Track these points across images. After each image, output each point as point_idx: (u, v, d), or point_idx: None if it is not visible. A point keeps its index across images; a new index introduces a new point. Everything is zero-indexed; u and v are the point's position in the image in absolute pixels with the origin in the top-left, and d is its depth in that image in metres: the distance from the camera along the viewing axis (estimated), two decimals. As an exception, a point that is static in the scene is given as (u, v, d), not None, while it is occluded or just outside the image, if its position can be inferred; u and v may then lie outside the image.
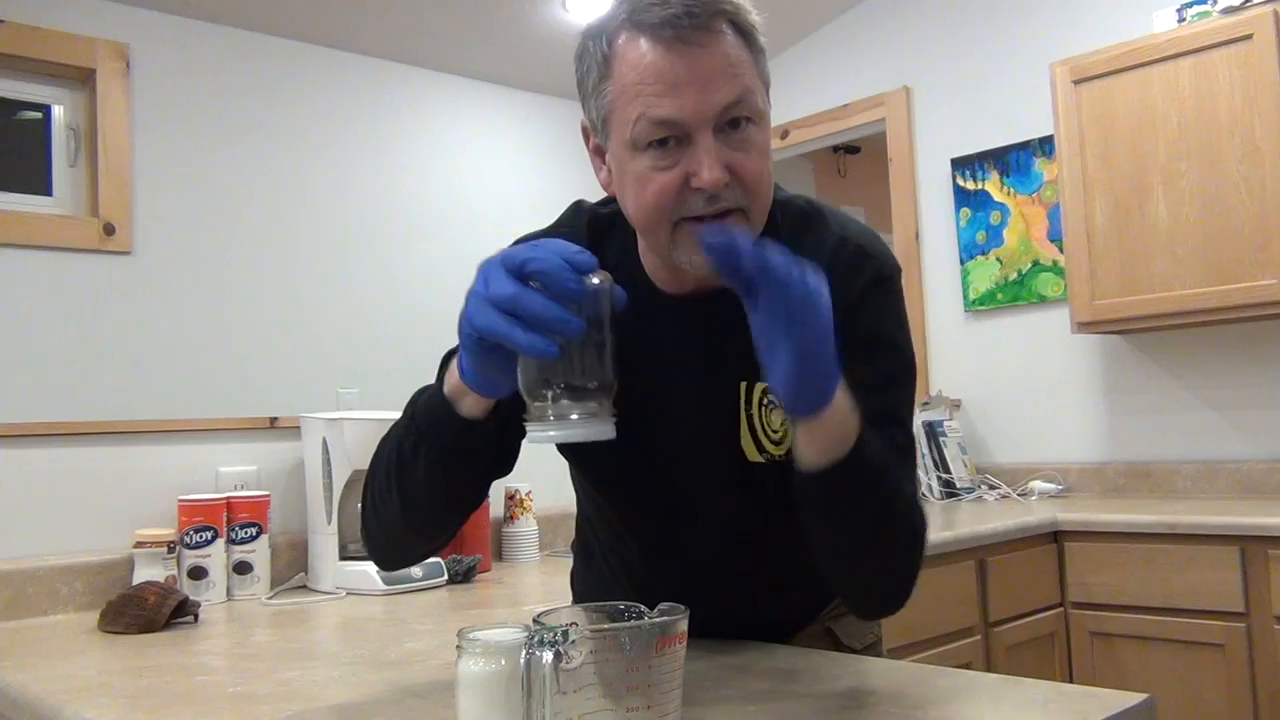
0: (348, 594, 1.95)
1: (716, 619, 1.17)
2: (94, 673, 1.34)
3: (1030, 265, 3.33)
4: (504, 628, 0.83)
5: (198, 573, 1.87)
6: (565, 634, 0.73)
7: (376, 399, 2.56)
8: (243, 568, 1.93)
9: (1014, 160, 3.37)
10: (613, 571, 1.26)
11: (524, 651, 0.73)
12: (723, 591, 1.17)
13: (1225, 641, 2.35)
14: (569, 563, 1.40)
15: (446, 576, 2.04)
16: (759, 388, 1.07)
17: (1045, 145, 3.26)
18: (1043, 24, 3.31)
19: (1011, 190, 3.38)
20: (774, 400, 1.07)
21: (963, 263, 3.50)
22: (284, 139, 3.25)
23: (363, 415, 2.06)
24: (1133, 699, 0.89)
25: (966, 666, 2.25)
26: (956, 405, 3.43)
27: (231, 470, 2.04)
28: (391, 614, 1.73)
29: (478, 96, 3.74)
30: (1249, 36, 2.61)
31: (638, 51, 0.94)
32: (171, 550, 1.84)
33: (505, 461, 1.10)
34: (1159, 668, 2.44)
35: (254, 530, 1.95)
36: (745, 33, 0.97)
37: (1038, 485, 3.16)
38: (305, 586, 2.04)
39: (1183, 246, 2.71)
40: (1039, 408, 3.29)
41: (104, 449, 1.93)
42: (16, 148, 2.90)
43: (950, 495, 3.14)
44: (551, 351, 0.82)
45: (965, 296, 3.48)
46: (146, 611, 1.60)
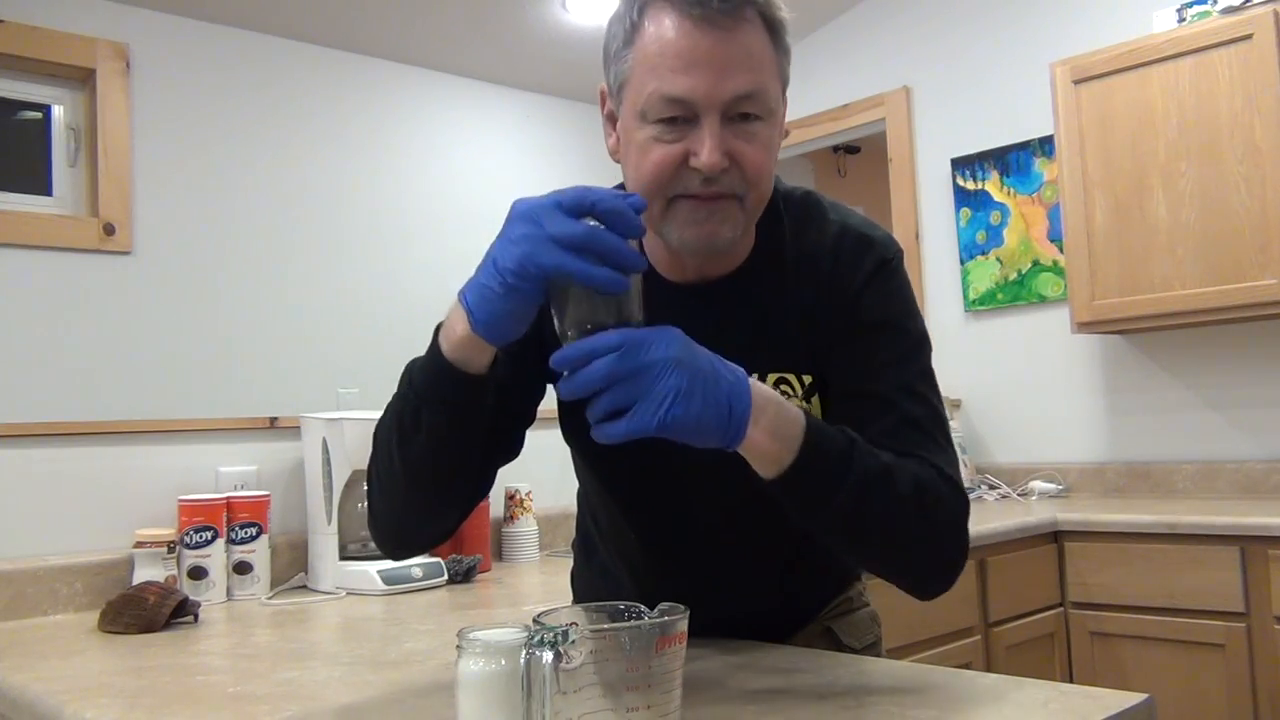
0: (348, 594, 1.95)
1: (717, 616, 1.17)
2: (94, 673, 1.34)
3: (1030, 265, 3.33)
4: (504, 628, 0.83)
5: (198, 573, 1.87)
6: (565, 634, 0.73)
7: (376, 399, 2.55)
8: (243, 568, 1.93)
9: (1014, 160, 3.37)
10: (613, 566, 1.26)
11: (524, 651, 0.73)
12: (724, 586, 1.17)
13: (1225, 641, 2.35)
14: (569, 563, 1.40)
15: (446, 576, 2.03)
16: (770, 378, 1.08)
17: (1045, 145, 3.26)
18: (1043, 24, 3.31)
19: (1011, 190, 3.38)
20: (788, 390, 1.07)
21: (963, 263, 3.50)
22: (284, 139, 3.25)
23: (363, 415, 2.06)
24: (1133, 699, 0.89)
25: (966, 666, 2.25)
26: (956, 405, 3.43)
27: (231, 470, 2.04)
28: (391, 614, 1.73)
29: (478, 96, 3.74)
30: (1249, 36, 2.61)
31: (663, 25, 0.96)
32: (171, 550, 1.84)
33: (510, 443, 1.09)
34: (1159, 668, 2.44)
35: (254, 530, 1.95)
36: (773, 29, 0.98)
37: (1038, 485, 3.16)
38: (305, 586, 2.04)
39: (1183, 246, 2.71)
40: (1039, 408, 3.29)
41: (104, 449, 1.93)
42: (16, 148, 2.90)
43: (950, 495, 3.14)
44: (625, 285, 0.83)
45: (965, 296, 3.48)
46: (146, 611, 1.60)
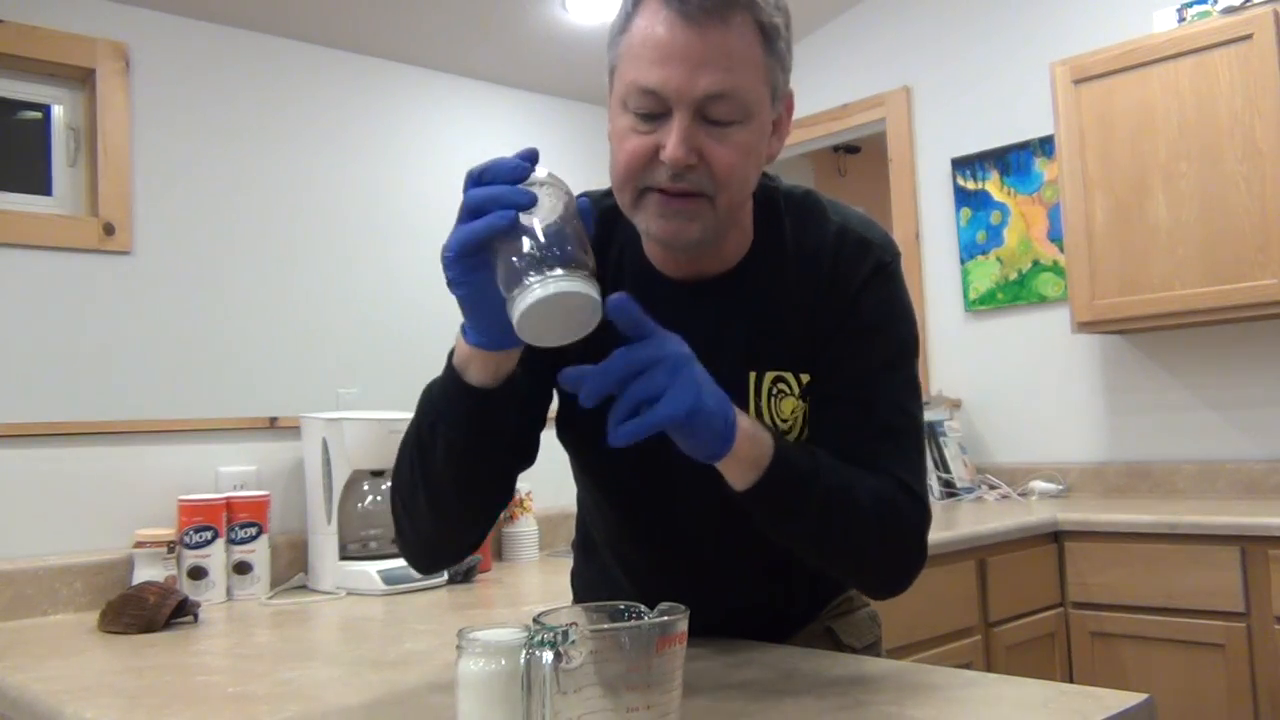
0: (348, 594, 1.95)
1: (717, 616, 1.17)
2: (94, 673, 1.34)
3: (1030, 265, 3.33)
4: (504, 628, 0.83)
5: (197, 573, 1.87)
6: (565, 634, 0.73)
7: (376, 399, 2.56)
8: (243, 568, 1.93)
9: (1014, 160, 3.37)
10: (613, 566, 1.26)
11: (524, 651, 0.73)
12: (723, 585, 1.17)
13: (1225, 641, 2.35)
14: (569, 563, 1.40)
15: (446, 576, 2.03)
16: (768, 376, 1.08)
17: (1045, 145, 3.26)
18: (1043, 24, 3.31)
19: (1011, 190, 3.38)
20: (785, 389, 1.07)
21: (963, 263, 3.50)
22: (284, 139, 3.25)
23: (363, 415, 2.06)
24: (1133, 699, 0.89)
25: (966, 666, 2.25)
26: (956, 405, 3.43)
27: (231, 470, 2.04)
28: (391, 614, 1.73)
29: (478, 96, 3.74)
30: (1249, 36, 2.61)
31: (651, 17, 0.97)
32: (171, 550, 1.84)
33: (528, 448, 1.10)
34: (1159, 668, 2.43)
35: (254, 530, 1.95)
36: (765, 33, 0.97)
37: (1038, 485, 3.16)
38: (305, 586, 2.04)
39: (1183, 246, 2.71)
40: (1039, 408, 3.29)
41: (104, 449, 1.93)
42: (16, 148, 2.90)
43: (950, 495, 3.14)
44: (505, 220, 0.84)
45: (965, 296, 3.48)
46: (146, 611, 1.60)
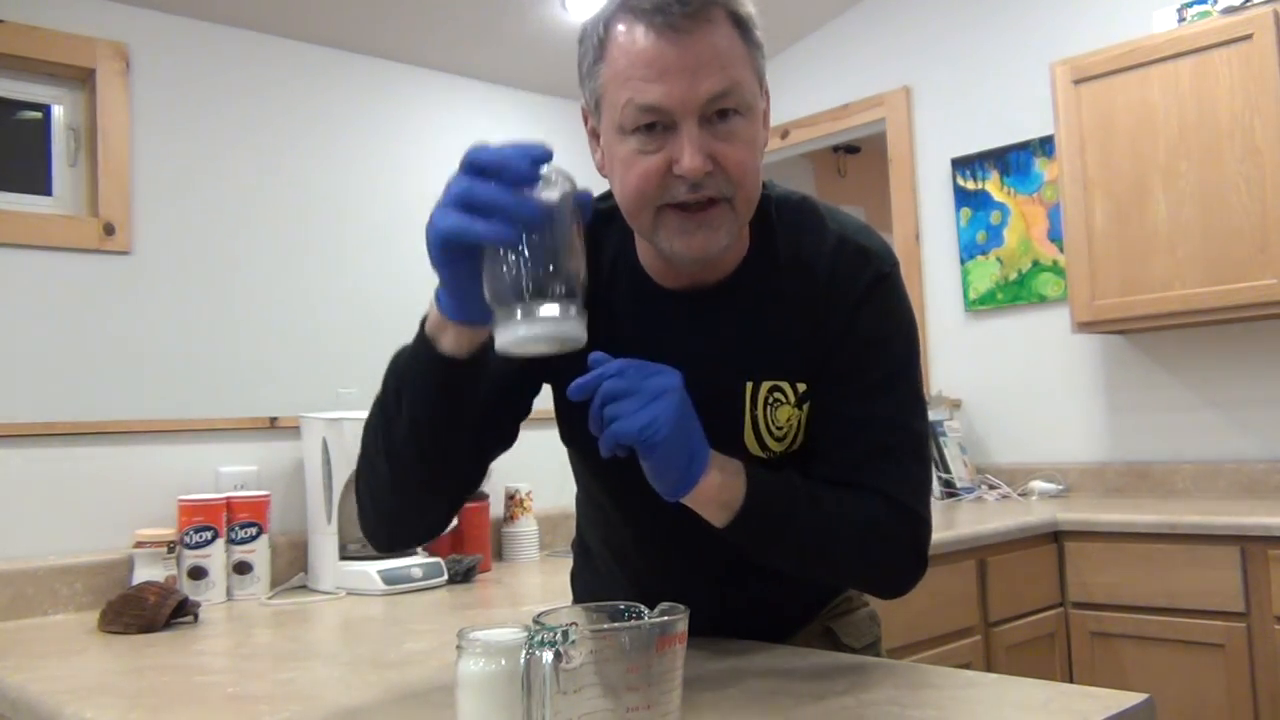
0: (348, 594, 1.95)
1: (716, 616, 1.17)
2: (94, 673, 1.34)
3: (1030, 265, 3.33)
4: (504, 628, 0.83)
5: (198, 573, 1.87)
6: (565, 634, 0.73)
7: (376, 399, 2.56)
8: (243, 568, 1.93)
9: (1014, 160, 3.37)
10: (612, 566, 1.26)
11: (524, 651, 0.73)
12: (723, 585, 1.17)
13: (1225, 641, 2.35)
14: (569, 563, 1.40)
15: (446, 576, 2.04)
16: (765, 386, 1.07)
17: (1045, 145, 3.26)
18: (1043, 24, 3.31)
19: (1011, 190, 3.38)
20: (781, 397, 1.07)
21: (963, 263, 3.50)
22: (284, 139, 3.25)
23: (363, 415, 2.05)
24: (1133, 699, 0.89)
25: (966, 666, 2.25)
26: (956, 405, 3.43)
27: (231, 470, 2.04)
28: (391, 614, 1.73)
29: (478, 96, 3.74)
30: (1249, 36, 2.61)
31: (630, 37, 0.96)
32: (171, 550, 1.84)
33: (502, 431, 1.10)
34: (1159, 668, 2.43)
35: (254, 530, 1.95)
36: (741, 25, 0.98)
37: (1038, 485, 3.16)
38: (305, 586, 2.04)
39: (1183, 246, 2.71)
40: (1039, 408, 3.29)
41: (104, 449, 1.93)
42: (16, 148, 2.90)
43: (950, 495, 3.14)
44: (508, 235, 0.80)
45: (965, 296, 3.48)
46: (146, 611, 1.60)
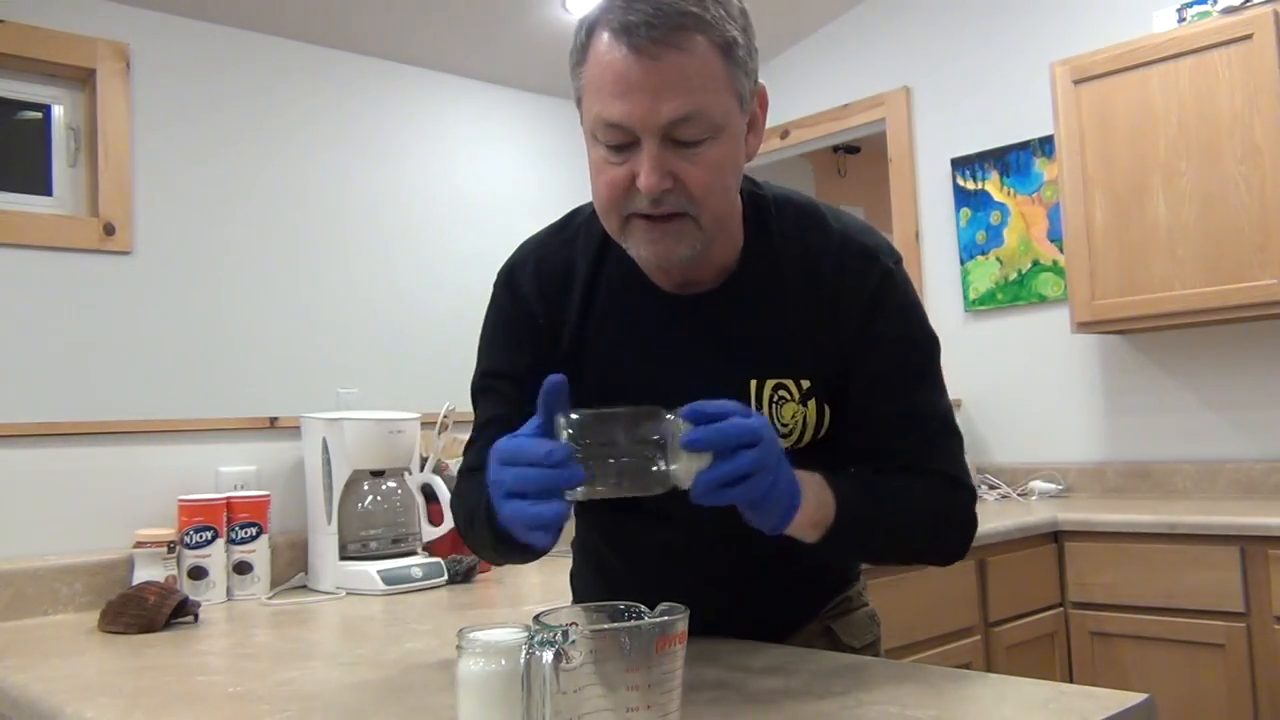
0: (348, 594, 1.95)
1: (716, 616, 1.17)
2: (94, 673, 1.34)
3: (1030, 265, 3.33)
4: (504, 628, 0.83)
5: (198, 573, 1.87)
6: (565, 634, 0.73)
7: (376, 399, 2.56)
8: (243, 568, 1.93)
9: (1014, 160, 3.37)
10: (611, 566, 1.26)
11: (524, 651, 0.73)
12: (723, 585, 1.17)
13: (1225, 641, 2.35)
14: (569, 563, 1.40)
15: (446, 576, 2.03)
16: (769, 384, 1.08)
17: (1045, 145, 3.26)
18: (1043, 24, 3.31)
19: (1011, 190, 3.38)
20: (785, 395, 1.08)
21: (963, 263, 3.50)
22: (284, 139, 3.25)
23: (362, 415, 2.06)
24: (1133, 699, 0.89)
25: (966, 666, 2.25)
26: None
27: (231, 470, 2.04)
28: (391, 614, 1.73)
29: (478, 96, 3.74)
30: (1249, 36, 2.61)
31: (603, 49, 0.97)
32: (171, 550, 1.84)
33: None
34: (1159, 668, 2.43)
35: (254, 530, 1.95)
36: (718, 46, 0.97)
37: (1038, 485, 3.16)
38: (305, 586, 2.04)
39: (1182, 246, 2.71)
40: (1039, 408, 3.29)
41: (104, 449, 1.93)
42: (16, 148, 2.90)
43: (950, 495, 3.14)
44: (559, 510, 0.84)
45: (965, 296, 3.48)
46: (146, 611, 1.60)
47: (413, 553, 2.06)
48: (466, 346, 1.26)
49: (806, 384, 1.09)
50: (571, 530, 1.39)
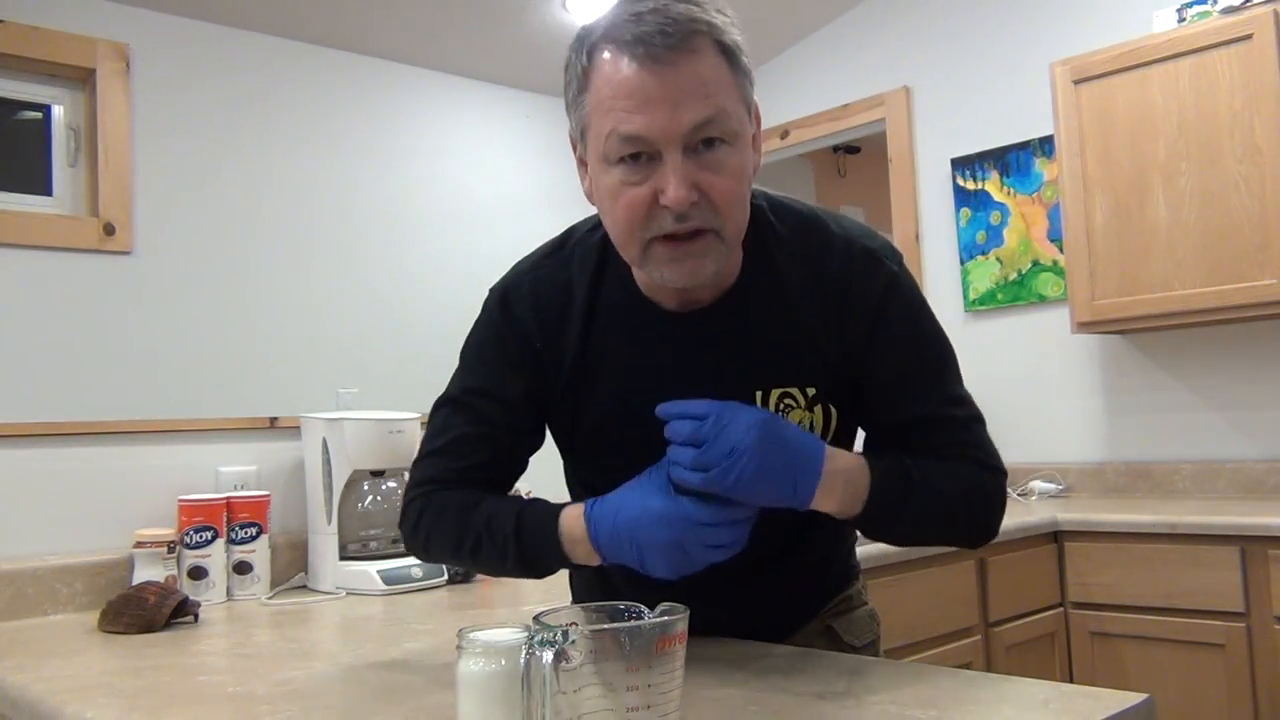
0: (348, 594, 1.95)
1: (717, 616, 1.17)
2: (94, 673, 1.34)
3: (1030, 265, 3.33)
4: (504, 628, 0.83)
5: (198, 573, 1.87)
6: (565, 634, 0.73)
7: (376, 399, 2.56)
8: (243, 568, 1.93)
9: (1014, 160, 3.37)
10: (612, 567, 1.26)
11: (524, 651, 0.73)
12: (723, 585, 1.17)
13: (1225, 641, 2.35)
14: (568, 563, 1.39)
15: (446, 576, 2.04)
16: (775, 393, 1.09)
17: (1045, 145, 3.26)
18: (1043, 24, 3.31)
19: (1011, 190, 3.38)
20: (792, 403, 1.08)
21: (963, 263, 3.49)
22: (284, 139, 3.25)
23: (363, 415, 2.06)
24: (1133, 699, 0.89)
25: (966, 666, 2.25)
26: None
27: (231, 470, 2.04)
28: (391, 614, 1.73)
29: (478, 96, 3.74)
30: (1249, 36, 2.61)
31: (612, 67, 0.95)
32: (171, 550, 1.84)
33: (525, 466, 1.20)
34: (1159, 668, 2.43)
35: (254, 530, 1.95)
36: (727, 53, 0.97)
37: (1038, 485, 3.16)
38: (305, 586, 2.04)
39: (1182, 246, 2.71)
40: (1039, 408, 3.29)
41: (104, 449, 1.93)
42: (16, 148, 2.90)
43: (950, 495, 3.14)
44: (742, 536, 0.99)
45: (965, 296, 3.48)
46: (146, 611, 1.60)
47: (413, 552, 2.05)
48: (467, 346, 1.26)
49: (812, 391, 1.10)
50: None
